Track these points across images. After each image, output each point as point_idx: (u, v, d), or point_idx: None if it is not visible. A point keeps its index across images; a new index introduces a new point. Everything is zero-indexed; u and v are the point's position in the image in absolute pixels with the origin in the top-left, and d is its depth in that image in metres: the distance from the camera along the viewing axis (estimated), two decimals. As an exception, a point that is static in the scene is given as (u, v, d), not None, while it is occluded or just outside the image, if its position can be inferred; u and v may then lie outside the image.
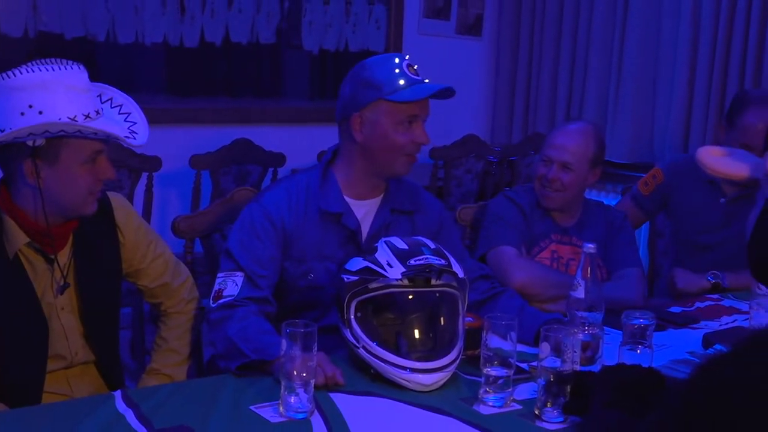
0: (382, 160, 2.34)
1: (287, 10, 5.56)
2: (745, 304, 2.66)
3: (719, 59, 5.24)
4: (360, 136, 2.34)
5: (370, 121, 2.32)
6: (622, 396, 1.70)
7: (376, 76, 2.31)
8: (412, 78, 2.30)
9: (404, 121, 2.30)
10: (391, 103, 2.29)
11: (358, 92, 2.33)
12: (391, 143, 2.31)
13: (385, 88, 2.28)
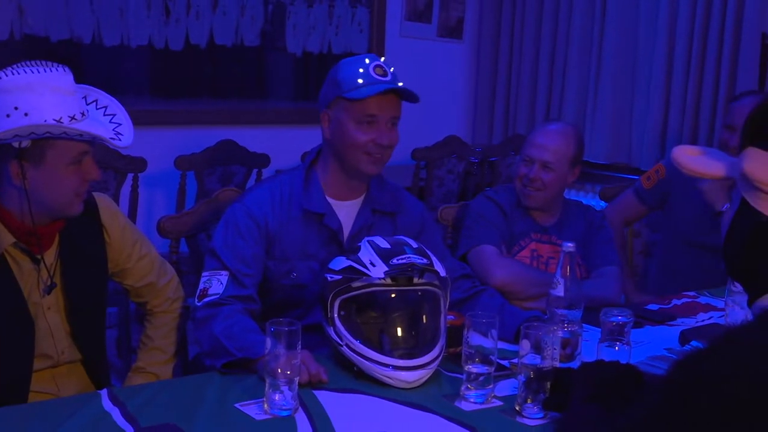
0: (345, 158, 2.36)
1: (271, 12, 5.58)
2: (721, 301, 2.69)
3: (695, 62, 5.31)
4: (328, 133, 2.37)
5: (334, 118, 2.35)
6: (600, 392, 1.71)
7: (340, 74, 2.34)
8: (373, 78, 2.30)
9: (363, 120, 2.32)
10: (347, 100, 2.31)
11: (326, 90, 2.38)
12: (351, 141, 2.33)
13: (344, 86, 2.31)
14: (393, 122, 2.36)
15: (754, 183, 1.44)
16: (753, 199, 1.45)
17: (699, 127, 5.34)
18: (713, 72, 5.24)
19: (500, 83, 6.50)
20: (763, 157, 1.44)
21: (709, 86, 5.25)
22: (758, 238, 1.46)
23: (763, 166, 1.43)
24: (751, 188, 1.45)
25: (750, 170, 1.43)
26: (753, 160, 1.45)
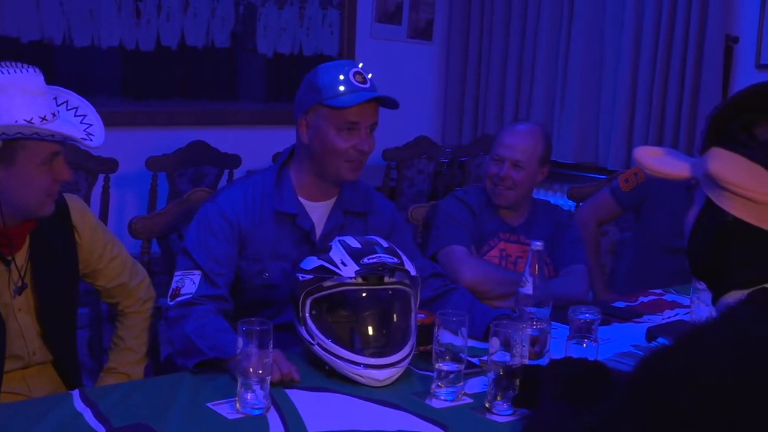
0: (325, 164, 2.37)
1: (242, 14, 5.58)
2: (687, 298, 2.74)
3: (660, 63, 5.37)
4: (306, 138, 2.37)
5: (313, 124, 2.35)
6: (569, 388, 1.72)
7: (320, 80, 2.33)
8: (354, 85, 2.31)
9: (344, 127, 2.32)
10: (328, 108, 2.31)
11: (304, 95, 2.37)
12: (332, 148, 2.33)
13: (325, 93, 2.31)
14: (372, 128, 2.38)
15: (719, 182, 1.45)
16: (718, 198, 1.47)
17: (665, 126, 5.40)
18: (678, 73, 5.30)
19: (469, 84, 6.54)
20: (726, 156, 1.46)
21: (675, 87, 5.31)
22: (724, 237, 1.47)
23: (728, 165, 1.45)
24: (716, 188, 1.46)
25: (715, 170, 1.45)
26: (717, 159, 1.46)
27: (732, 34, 5.20)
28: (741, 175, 1.43)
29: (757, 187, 1.42)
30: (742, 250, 1.46)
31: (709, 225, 1.50)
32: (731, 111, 1.50)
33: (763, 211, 1.43)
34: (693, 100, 5.26)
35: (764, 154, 1.44)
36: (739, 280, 1.47)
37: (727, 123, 1.50)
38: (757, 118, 1.49)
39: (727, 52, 5.19)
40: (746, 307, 1.41)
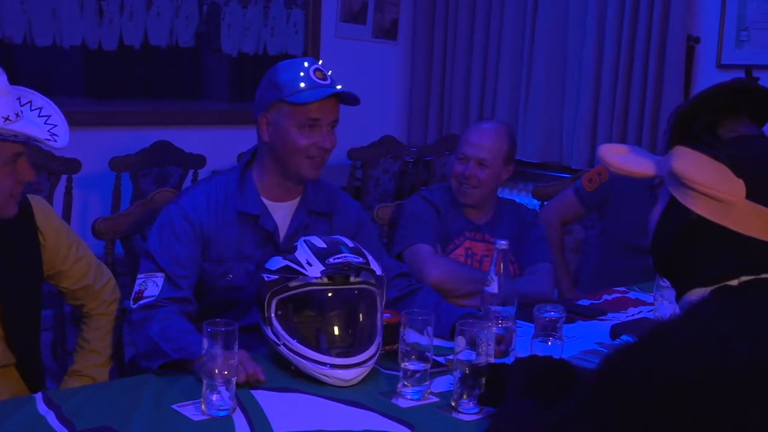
0: (286, 162, 2.36)
1: (206, 13, 5.55)
2: (650, 296, 2.75)
3: (623, 62, 5.42)
4: (266, 136, 2.37)
5: (273, 122, 2.35)
6: (534, 386, 1.73)
7: (280, 78, 2.33)
8: (314, 82, 2.31)
9: (305, 124, 2.32)
10: (289, 104, 2.31)
11: (265, 93, 2.37)
12: (292, 145, 2.33)
13: (286, 90, 2.31)
14: (333, 125, 2.38)
15: (683, 181, 1.46)
16: (682, 197, 1.48)
17: (628, 125, 5.44)
18: (641, 72, 5.35)
19: (434, 84, 6.56)
20: (691, 155, 1.47)
21: (637, 86, 5.36)
22: (688, 235, 1.49)
23: (692, 164, 1.46)
24: (680, 186, 1.48)
25: (679, 168, 1.46)
26: (681, 158, 1.47)
27: (693, 34, 5.26)
28: (705, 174, 1.44)
29: (721, 185, 1.44)
30: (706, 248, 1.48)
31: (673, 223, 1.51)
32: (694, 110, 1.52)
33: (726, 209, 1.44)
34: (655, 99, 5.31)
35: (728, 153, 1.46)
36: (702, 278, 1.48)
37: (690, 122, 1.51)
38: (719, 119, 1.51)
39: (688, 52, 5.25)
40: (709, 305, 1.43)
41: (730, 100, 1.52)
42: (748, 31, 5.05)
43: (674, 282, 1.58)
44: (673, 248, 1.52)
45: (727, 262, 1.46)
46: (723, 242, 1.46)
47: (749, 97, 1.53)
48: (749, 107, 1.54)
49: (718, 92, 1.51)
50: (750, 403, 1.27)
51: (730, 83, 1.53)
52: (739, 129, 1.50)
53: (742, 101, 1.53)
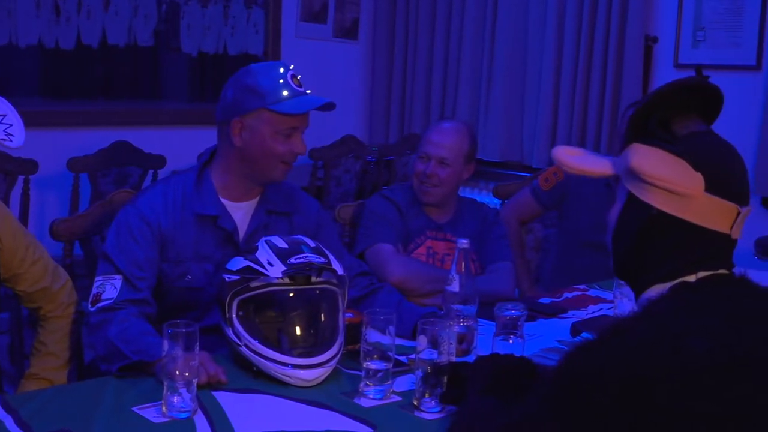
0: (259, 167, 2.36)
1: (165, 12, 5.51)
2: (610, 293, 2.77)
3: (582, 62, 5.47)
4: (239, 140, 2.35)
5: (250, 127, 2.33)
6: (496, 384, 1.74)
7: (260, 84, 2.32)
8: (295, 89, 2.31)
9: (284, 132, 2.32)
10: (273, 113, 2.30)
11: (241, 98, 2.34)
12: (269, 151, 2.33)
13: (269, 98, 2.30)
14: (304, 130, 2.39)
15: (642, 177, 1.48)
16: (642, 193, 1.50)
17: (587, 124, 5.49)
18: (600, 72, 5.40)
19: (395, 83, 6.57)
20: (648, 151, 1.49)
21: (597, 85, 5.41)
22: (648, 230, 1.51)
23: (650, 160, 1.48)
24: (638, 182, 1.49)
25: (637, 165, 1.48)
26: (639, 155, 1.49)
27: (651, 34, 5.31)
28: (663, 169, 1.47)
29: (680, 179, 1.46)
30: (667, 242, 1.50)
31: (633, 220, 1.53)
32: (649, 108, 1.54)
33: (685, 202, 1.47)
34: (614, 98, 5.36)
35: (684, 148, 1.48)
36: (662, 273, 1.50)
37: (645, 120, 1.54)
38: (672, 116, 1.53)
39: (646, 52, 5.31)
40: (666, 302, 1.45)
41: (682, 98, 1.55)
42: (704, 31, 5.11)
43: (633, 282, 1.60)
44: (635, 244, 1.54)
45: (687, 256, 1.49)
46: (683, 236, 1.48)
47: (700, 95, 1.56)
48: (699, 105, 1.57)
49: (671, 90, 1.54)
50: (704, 399, 1.29)
51: (682, 81, 1.56)
52: (691, 126, 1.54)
53: (693, 99, 1.56)
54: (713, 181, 1.46)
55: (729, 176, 1.50)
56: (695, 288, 1.47)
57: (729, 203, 1.48)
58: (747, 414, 1.29)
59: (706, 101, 1.57)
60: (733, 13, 5.00)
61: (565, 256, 3.55)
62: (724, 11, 5.03)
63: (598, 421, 1.31)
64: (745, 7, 4.94)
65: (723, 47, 5.04)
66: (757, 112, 4.87)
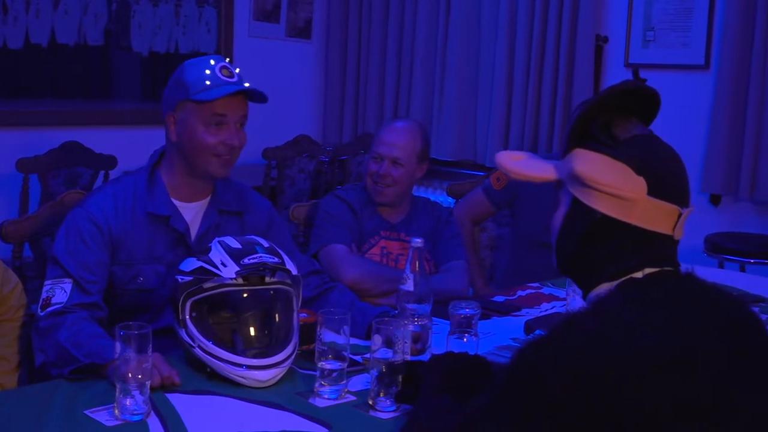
0: (194, 161, 2.34)
1: (115, 11, 5.46)
2: (563, 291, 2.81)
3: (534, 61, 5.51)
4: (174, 135, 2.34)
5: (181, 121, 2.32)
6: (450, 383, 1.75)
7: (186, 76, 2.31)
8: (220, 79, 2.29)
9: (212, 122, 2.30)
10: (196, 102, 2.29)
11: (171, 92, 2.34)
12: (199, 143, 2.30)
13: (192, 89, 2.28)
14: (241, 123, 2.36)
15: (586, 182, 1.50)
16: (586, 198, 1.52)
17: (540, 123, 5.54)
18: (552, 71, 5.46)
19: (349, 83, 6.57)
20: (591, 156, 1.52)
21: (549, 85, 5.46)
22: (594, 234, 1.53)
23: (593, 165, 1.51)
24: (582, 187, 1.52)
25: (581, 170, 1.51)
26: (582, 160, 1.52)
27: (602, 34, 5.37)
28: (607, 174, 1.49)
29: (624, 184, 1.49)
30: (612, 245, 1.52)
31: (578, 224, 1.55)
32: (590, 113, 1.56)
33: (629, 206, 1.49)
34: (566, 97, 5.42)
35: (626, 152, 1.51)
36: (608, 274, 1.52)
37: (587, 124, 1.56)
38: (613, 118, 1.56)
39: (597, 52, 5.36)
40: (615, 297, 1.47)
41: (621, 101, 1.57)
42: (654, 31, 5.18)
43: (580, 281, 1.62)
44: (580, 248, 1.56)
45: (632, 258, 1.51)
46: (628, 239, 1.51)
47: (639, 98, 1.59)
48: (638, 108, 1.59)
49: (611, 94, 1.57)
50: (655, 391, 1.30)
51: (621, 86, 1.58)
52: (632, 129, 1.56)
53: (632, 102, 1.58)
54: (655, 184, 1.49)
55: (670, 179, 1.53)
56: (643, 284, 1.49)
57: (671, 205, 1.51)
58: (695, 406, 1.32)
59: (645, 104, 1.60)
60: (682, 14, 5.07)
61: (519, 254, 3.57)
62: (673, 12, 5.10)
63: (551, 414, 1.33)
64: (695, 7, 5.02)
65: (672, 47, 5.11)
66: (705, 111, 4.95)
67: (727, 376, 1.35)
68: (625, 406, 1.30)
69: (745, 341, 1.42)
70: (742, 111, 4.77)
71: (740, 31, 4.75)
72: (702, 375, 1.33)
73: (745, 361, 1.39)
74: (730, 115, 4.80)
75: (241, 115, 2.34)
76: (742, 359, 1.39)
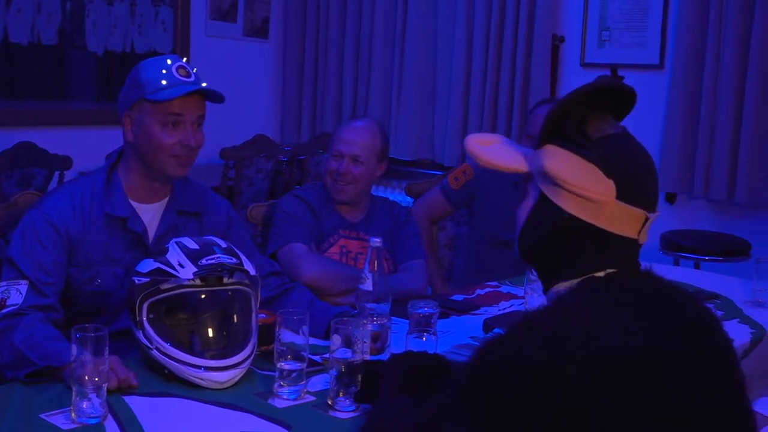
0: (151, 161, 2.32)
1: (69, 10, 5.39)
2: (521, 289, 2.82)
3: (492, 60, 5.55)
4: (131, 135, 2.32)
5: (137, 121, 2.30)
6: (410, 382, 1.75)
7: (142, 76, 2.29)
8: (177, 79, 2.27)
9: (168, 122, 2.28)
10: (152, 102, 2.26)
11: (127, 92, 2.32)
12: (157, 144, 2.28)
13: (148, 88, 2.26)
14: (198, 123, 2.34)
15: (556, 181, 1.50)
16: (554, 196, 1.51)
17: (497, 122, 5.57)
18: (509, 71, 5.49)
19: (307, 82, 6.56)
20: (562, 155, 1.50)
21: (506, 84, 5.49)
22: (559, 233, 1.52)
23: (564, 164, 1.49)
24: (552, 185, 1.51)
25: (552, 169, 1.49)
26: (553, 158, 1.50)
27: (558, 33, 5.41)
28: (577, 175, 1.48)
29: (593, 186, 1.48)
30: (576, 245, 1.52)
31: (544, 220, 1.54)
32: (565, 109, 1.55)
33: (597, 209, 1.49)
34: (523, 96, 5.45)
35: (598, 154, 1.50)
36: (570, 273, 1.52)
37: (561, 119, 1.55)
38: (587, 117, 1.55)
39: (554, 51, 5.40)
40: (575, 296, 1.47)
41: (596, 99, 1.56)
42: (609, 30, 5.23)
43: (542, 274, 1.61)
44: (544, 245, 1.55)
45: (595, 258, 1.51)
46: (593, 240, 1.51)
47: (614, 95, 1.58)
48: (614, 106, 1.58)
49: (588, 91, 1.55)
50: (616, 390, 1.31)
51: (599, 83, 1.57)
52: (606, 128, 1.54)
53: (607, 100, 1.57)
54: (624, 188, 1.49)
55: (639, 184, 1.52)
56: (603, 282, 1.49)
57: (638, 210, 1.50)
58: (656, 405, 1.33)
59: (620, 101, 1.59)
60: (637, 14, 5.12)
61: (477, 253, 3.59)
62: (628, 12, 5.15)
63: (511, 412, 1.33)
64: (649, 7, 5.07)
65: (628, 47, 5.16)
66: (660, 111, 5.01)
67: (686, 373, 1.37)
68: (586, 405, 1.31)
69: (701, 339, 1.44)
70: (696, 110, 4.83)
71: (694, 31, 4.82)
72: (662, 373, 1.35)
73: (702, 358, 1.41)
74: (684, 114, 4.86)
75: (198, 115, 2.33)
76: (699, 357, 1.40)
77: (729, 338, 1.52)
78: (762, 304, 2.92)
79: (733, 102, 4.66)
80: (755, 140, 4.62)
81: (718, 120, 4.73)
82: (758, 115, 4.61)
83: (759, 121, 4.61)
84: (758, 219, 4.77)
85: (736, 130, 4.68)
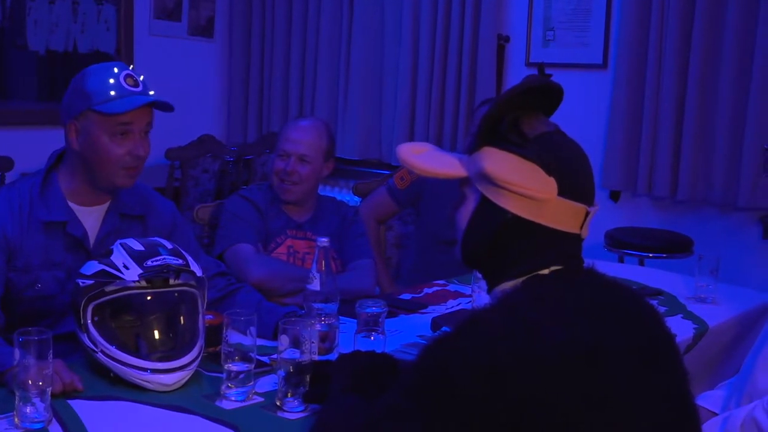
0: (99, 172, 2.28)
1: (9, 8, 5.30)
2: (469, 287, 2.83)
3: (438, 60, 5.57)
4: (76, 145, 2.27)
5: (84, 130, 2.26)
6: (358, 381, 1.75)
7: (88, 85, 2.24)
8: (125, 89, 2.23)
9: (116, 132, 2.24)
10: (99, 114, 2.22)
11: (72, 100, 2.27)
12: (105, 155, 2.25)
13: (95, 98, 2.22)
14: (146, 131, 2.31)
15: (497, 182, 1.51)
16: (496, 197, 1.52)
17: (444, 122, 5.59)
18: (455, 70, 5.52)
19: (253, 82, 6.53)
20: (501, 156, 1.52)
21: (452, 84, 5.52)
22: (503, 234, 1.54)
23: (504, 164, 1.51)
24: (493, 186, 1.52)
25: (491, 170, 1.51)
26: (493, 160, 1.52)
27: (503, 33, 5.45)
28: (518, 175, 1.50)
29: (534, 184, 1.49)
30: (521, 244, 1.53)
31: (487, 223, 1.55)
32: (498, 111, 1.56)
33: (539, 207, 1.50)
34: (470, 95, 5.48)
35: (536, 152, 1.51)
36: (515, 272, 1.54)
37: (496, 122, 1.56)
38: (521, 115, 1.56)
39: (499, 51, 5.44)
40: (521, 294, 1.49)
41: (527, 98, 1.58)
42: (554, 30, 5.28)
43: (486, 275, 1.63)
44: (488, 246, 1.57)
45: (540, 256, 1.53)
46: (537, 238, 1.52)
47: (543, 94, 1.60)
48: (543, 103, 1.60)
49: (519, 91, 1.57)
50: (562, 387, 1.33)
51: (530, 82, 1.58)
52: (540, 126, 1.57)
53: (537, 98, 1.59)
54: (565, 184, 1.51)
55: (579, 179, 1.54)
56: (549, 280, 1.51)
57: (579, 205, 1.53)
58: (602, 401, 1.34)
59: (549, 98, 1.61)
60: (580, 14, 5.18)
61: (424, 252, 3.61)
62: (572, 12, 5.20)
63: (458, 411, 1.34)
64: (592, 8, 5.13)
65: (572, 46, 5.21)
66: (604, 109, 5.06)
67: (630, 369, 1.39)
68: (533, 403, 1.32)
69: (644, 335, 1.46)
70: (638, 109, 4.89)
71: (636, 31, 4.88)
72: (606, 370, 1.36)
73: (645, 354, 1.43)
74: (627, 113, 4.92)
75: (146, 123, 2.30)
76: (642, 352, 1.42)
77: (672, 334, 1.55)
78: (704, 299, 2.97)
79: (675, 100, 4.73)
80: (697, 138, 4.69)
81: (660, 118, 4.80)
82: (700, 113, 4.68)
83: (701, 119, 4.68)
84: (700, 216, 4.85)
85: (678, 128, 4.75)
